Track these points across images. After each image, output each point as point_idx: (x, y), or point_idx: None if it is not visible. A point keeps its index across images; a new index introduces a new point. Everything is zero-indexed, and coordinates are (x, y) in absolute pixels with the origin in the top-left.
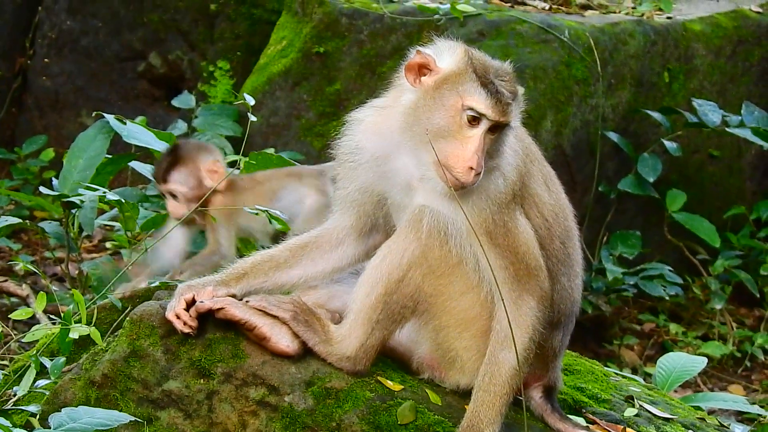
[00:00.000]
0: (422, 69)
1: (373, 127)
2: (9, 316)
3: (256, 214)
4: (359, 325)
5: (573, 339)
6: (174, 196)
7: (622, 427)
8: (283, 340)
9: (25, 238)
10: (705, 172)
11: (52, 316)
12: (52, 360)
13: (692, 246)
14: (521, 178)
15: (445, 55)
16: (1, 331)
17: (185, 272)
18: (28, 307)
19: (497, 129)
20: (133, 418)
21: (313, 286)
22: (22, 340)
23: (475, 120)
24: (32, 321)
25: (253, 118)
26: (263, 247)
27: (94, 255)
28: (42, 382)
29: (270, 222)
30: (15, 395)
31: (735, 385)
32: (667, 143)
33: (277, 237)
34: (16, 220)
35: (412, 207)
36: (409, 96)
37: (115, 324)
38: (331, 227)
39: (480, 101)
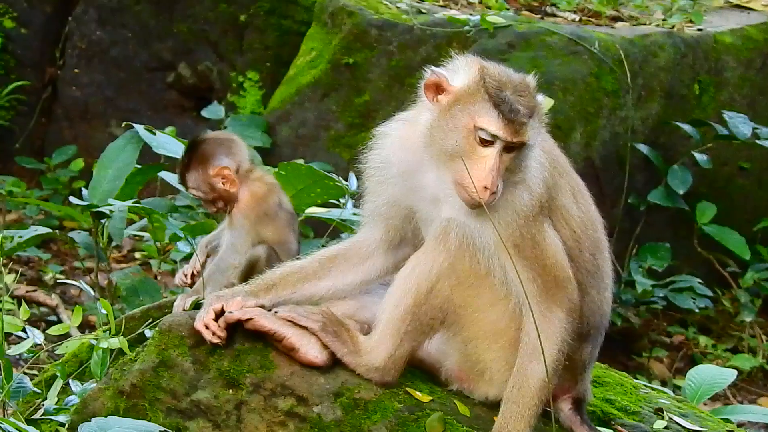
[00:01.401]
0: (438, 88)
1: (399, 142)
2: (47, 331)
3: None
4: (388, 336)
5: (602, 351)
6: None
7: None
8: (311, 351)
9: (54, 248)
10: (735, 185)
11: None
12: (83, 383)
13: (722, 258)
14: (548, 190)
15: (460, 73)
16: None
17: (207, 286)
18: (57, 316)
19: (515, 147)
20: (162, 429)
21: (342, 297)
22: (55, 352)
23: (488, 140)
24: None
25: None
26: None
27: (123, 265)
28: (72, 399)
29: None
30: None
31: (764, 397)
32: (697, 155)
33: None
34: (45, 230)
35: (439, 220)
36: (427, 115)
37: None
38: (360, 240)
39: (491, 122)
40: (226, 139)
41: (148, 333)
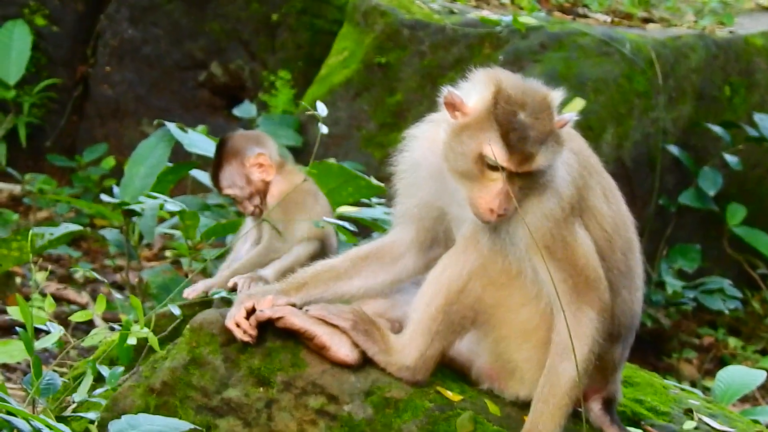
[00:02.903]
0: (455, 107)
1: (428, 144)
2: (69, 318)
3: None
4: (419, 335)
5: (631, 352)
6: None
7: None
8: (342, 350)
9: (84, 246)
10: (765, 187)
11: (113, 325)
12: (111, 368)
13: (752, 260)
14: (578, 191)
15: (476, 92)
16: (61, 338)
17: (245, 273)
18: None
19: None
20: (192, 426)
21: (373, 296)
22: (81, 345)
23: (495, 167)
24: (92, 329)
25: (324, 130)
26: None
27: (154, 263)
28: (99, 391)
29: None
30: (74, 402)
31: None
32: (728, 157)
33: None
34: (77, 227)
35: (470, 221)
36: (442, 133)
37: (170, 329)
38: (391, 240)
39: (497, 152)
40: (254, 132)
41: (175, 311)
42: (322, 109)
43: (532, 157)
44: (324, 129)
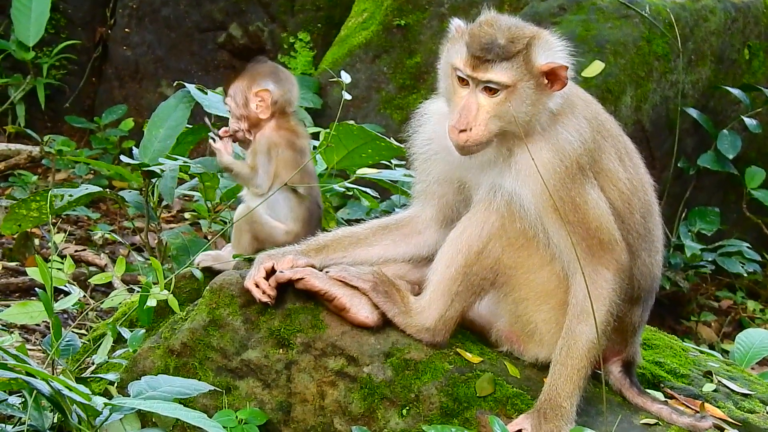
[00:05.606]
0: (456, 33)
1: (439, 117)
2: (89, 281)
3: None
4: (439, 297)
5: (650, 315)
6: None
7: (701, 402)
8: (362, 311)
9: (103, 208)
10: None
11: (132, 286)
12: (131, 331)
13: None
14: (590, 153)
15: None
16: (80, 300)
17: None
18: None
19: (495, 89)
20: (211, 387)
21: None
22: (100, 307)
23: (462, 80)
24: (110, 290)
25: (347, 97)
26: (347, 222)
27: (173, 225)
28: (119, 352)
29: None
30: (93, 363)
31: None
32: (747, 120)
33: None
34: (96, 189)
35: (486, 185)
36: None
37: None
38: (412, 215)
39: (458, 58)
40: (285, 72)
41: (196, 273)
42: (345, 78)
43: (489, 64)
44: (347, 96)
